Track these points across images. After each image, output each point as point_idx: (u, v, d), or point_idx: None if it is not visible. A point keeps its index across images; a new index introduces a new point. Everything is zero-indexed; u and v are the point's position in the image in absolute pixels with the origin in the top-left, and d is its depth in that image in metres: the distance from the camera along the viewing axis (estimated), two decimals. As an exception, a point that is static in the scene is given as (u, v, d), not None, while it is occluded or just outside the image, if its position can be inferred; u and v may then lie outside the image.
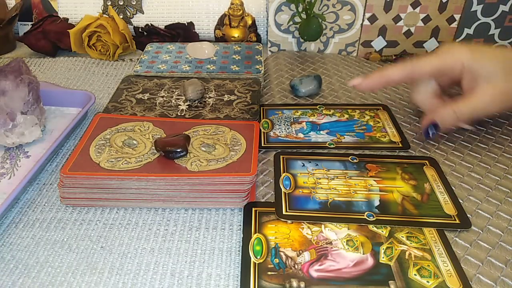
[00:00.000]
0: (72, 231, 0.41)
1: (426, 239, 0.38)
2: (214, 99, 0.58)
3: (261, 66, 0.67)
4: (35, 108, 0.52)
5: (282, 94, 0.62)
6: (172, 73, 0.65)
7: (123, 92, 0.60)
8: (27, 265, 0.37)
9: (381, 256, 0.37)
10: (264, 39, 0.79)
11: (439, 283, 0.34)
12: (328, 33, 0.73)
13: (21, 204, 0.44)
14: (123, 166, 0.44)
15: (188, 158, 0.45)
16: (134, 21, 0.80)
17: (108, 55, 0.73)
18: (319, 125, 0.54)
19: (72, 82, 0.67)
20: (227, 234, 0.40)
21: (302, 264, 0.36)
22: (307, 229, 0.40)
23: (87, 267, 0.37)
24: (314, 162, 0.48)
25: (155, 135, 0.49)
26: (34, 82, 0.53)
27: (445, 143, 0.51)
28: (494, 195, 0.44)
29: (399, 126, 0.54)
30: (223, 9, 0.78)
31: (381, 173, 0.46)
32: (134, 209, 0.43)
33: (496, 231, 0.40)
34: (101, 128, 0.50)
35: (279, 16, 0.72)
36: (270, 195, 0.44)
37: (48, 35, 0.74)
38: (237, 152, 0.46)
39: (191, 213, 0.42)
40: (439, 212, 0.41)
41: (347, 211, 0.41)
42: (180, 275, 0.36)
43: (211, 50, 0.70)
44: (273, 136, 0.52)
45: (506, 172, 0.47)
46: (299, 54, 0.74)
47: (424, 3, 0.69)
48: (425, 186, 0.44)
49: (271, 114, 0.57)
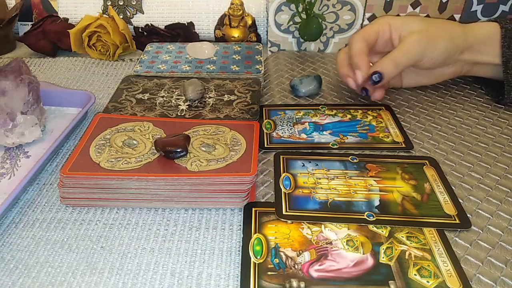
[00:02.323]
0: (72, 231, 0.41)
1: (426, 239, 0.38)
2: (214, 99, 0.58)
3: (261, 66, 0.67)
4: (35, 108, 0.52)
5: (282, 94, 0.62)
6: (172, 73, 0.65)
7: (123, 92, 0.60)
8: (27, 265, 0.37)
9: (381, 256, 0.37)
10: (264, 39, 0.79)
11: (439, 283, 0.34)
12: (328, 33, 0.73)
13: (21, 204, 0.44)
14: (123, 166, 0.44)
15: (188, 158, 0.45)
16: (134, 21, 0.80)
17: (108, 55, 0.73)
18: (322, 126, 0.54)
19: (72, 82, 0.67)
20: (227, 234, 0.40)
21: (302, 264, 0.36)
22: (307, 229, 0.40)
23: (87, 267, 0.37)
24: (314, 162, 0.48)
25: (155, 135, 0.49)
26: (34, 82, 0.53)
27: (445, 143, 0.51)
28: (494, 195, 0.44)
29: (401, 126, 0.54)
30: (223, 9, 0.78)
31: (381, 173, 0.46)
32: (134, 209, 0.43)
33: (496, 231, 0.40)
34: (101, 128, 0.50)
35: (279, 16, 0.72)
36: (270, 195, 0.44)
37: (48, 35, 0.74)
38: (237, 152, 0.46)
39: (191, 213, 0.42)
40: (439, 212, 0.41)
41: (347, 211, 0.41)
42: (180, 275, 0.36)
43: (211, 50, 0.70)
44: (276, 137, 0.52)
45: (506, 171, 0.47)
46: (299, 54, 0.74)
47: (424, 3, 0.69)
48: (425, 186, 0.44)
49: (273, 114, 0.57)
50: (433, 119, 0.56)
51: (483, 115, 0.56)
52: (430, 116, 0.56)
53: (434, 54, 0.54)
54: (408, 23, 0.54)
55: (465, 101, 0.60)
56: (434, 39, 0.53)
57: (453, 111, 0.57)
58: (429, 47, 0.53)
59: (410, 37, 0.53)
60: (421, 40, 0.53)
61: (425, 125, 0.55)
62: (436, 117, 0.56)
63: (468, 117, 0.56)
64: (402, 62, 0.53)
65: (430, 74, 0.59)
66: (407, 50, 0.53)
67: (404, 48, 0.53)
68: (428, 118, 0.56)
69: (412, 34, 0.53)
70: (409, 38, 0.53)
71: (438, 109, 0.58)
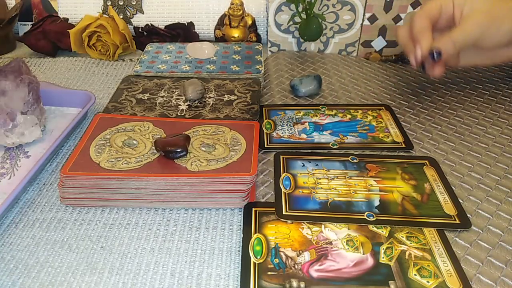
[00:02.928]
0: (72, 231, 0.41)
1: (426, 239, 0.38)
2: (214, 99, 0.58)
3: (261, 66, 0.67)
4: (35, 108, 0.52)
5: (282, 94, 0.62)
6: (172, 73, 0.65)
7: (123, 92, 0.60)
8: (27, 265, 0.37)
9: (381, 256, 0.37)
10: (264, 39, 0.79)
11: (439, 283, 0.34)
12: (328, 33, 0.73)
13: (21, 204, 0.44)
14: (123, 166, 0.44)
15: (188, 158, 0.45)
16: (134, 21, 0.80)
17: (108, 55, 0.73)
18: (322, 126, 0.54)
19: (72, 82, 0.67)
20: (227, 234, 0.40)
21: (302, 264, 0.36)
22: (307, 229, 0.40)
23: (87, 267, 0.37)
24: (314, 162, 0.48)
25: (155, 135, 0.49)
26: (34, 82, 0.53)
27: (445, 143, 0.51)
28: (494, 195, 0.44)
29: (402, 126, 0.54)
30: (223, 9, 0.78)
31: (381, 173, 0.46)
32: (134, 209, 0.43)
33: (496, 231, 0.40)
34: (101, 128, 0.50)
35: (279, 16, 0.72)
36: (270, 195, 0.44)
37: (48, 35, 0.74)
38: (237, 152, 0.46)
39: (191, 213, 0.42)
40: (439, 212, 0.41)
41: (347, 211, 0.41)
42: (180, 275, 0.36)
43: (211, 50, 0.70)
44: (276, 137, 0.52)
45: (506, 171, 0.47)
46: (299, 54, 0.74)
47: (424, 3, 0.69)
48: (425, 186, 0.44)
49: (273, 114, 0.57)
50: (433, 119, 0.56)
51: (483, 115, 0.56)
52: (430, 116, 0.56)
53: (496, 36, 0.52)
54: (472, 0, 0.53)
55: (465, 101, 0.60)
56: (497, 20, 0.52)
57: (453, 111, 0.57)
58: (491, 29, 0.52)
59: (472, 17, 0.52)
60: (482, 20, 0.51)
61: (425, 125, 0.55)
62: (436, 117, 0.56)
63: (468, 117, 0.56)
64: (461, 41, 0.52)
65: (490, 54, 0.57)
66: (467, 30, 0.52)
67: (464, 28, 0.52)
68: (428, 118, 0.56)
69: (474, 13, 0.52)
70: (470, 18, 0.52)
71: (438, 109, 0.58)
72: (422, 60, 0.54)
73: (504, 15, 0.52)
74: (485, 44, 0.53)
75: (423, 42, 0.53)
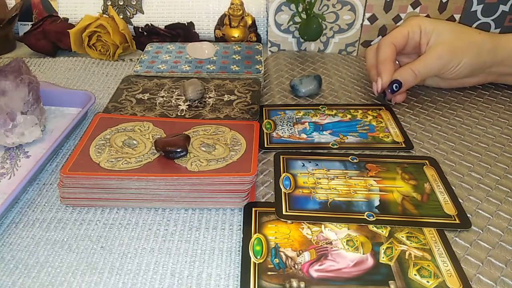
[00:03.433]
0: (72, 231, 0.41)
1: (426, 239, 0.38)
2: (214, 99, 0.58)
3: (261, 66, 0.67)
4: (35, 108, 0.52)
5: (282, 94, 0.62)
6: (172, 73, 0.65)
7: (123, 92, 0.60)
8: (27, 265, 0.37)
9: (381, 256, 0.37)
10: (264, 39, 0.79)
11: (439, 283, 0.34)
12: (328, 33, 0.73)
13: (21, 204, 0.44)
14: (123, 166, 0.44)
15: (188, 158, 0.45)
16: (134, 21, 0.80)
17: (108, 55, 0.73)
18: (322, 126, 0.54)
19: (72, 82, 0.67)
20: (227, 234, 0.40)
21: (302, 264, 0.36)
22: (307, 229, 0.40)
23: (87, 267, 0.37)
24: (314, 162, 0.48)
25: (155, 135, 0.49)
26: (34, 82, 0.53)
27: (445, 143, 0.51)
28: (494, 195, 0.44)
29: (402, 126, 0.54)
30: (223, 9, 0.78)
31: (381, 173, 0.46)
32: (134, 209, 0.43)
33: (496, 231, 0.40)
34: (101, 128, 0.50)
35: (279, 16, 0.72)
36: (270, 195, 0.44)
37: (48, 35, 0.74)
38: (237, 152, 0.46)
39: (191, 213, 0.42)
40: (439, 212, 0.41)
41: (347, 211, 0.41)
42: (180, 275, 0.36)
43: (211, 50, 0.70)
44: (276, 137, 0.52)
45: (506, 171, 0.47)
46: (299, 54, 0.74)
47: (424, 3, 0.69)
48: (425, 186, 0.44)
49: (273, 114, 0.57)
50: (433, 119, 0.56)
51: (483, 115, 0.56)
52: (430, 116, 0.56)
53: (456, 69, 0.53)
54: (438, 31, 0.54)
55: (464, 101, 0.60)
56: (458, 53, 0.53)
57: (453, 111, 0.57)
58: (452, 62, 0.53)
59: (435, 49, 0.53)
60: (444, 54, 0.53)
61: (425, 125, 0.55)
62: (436, 117, 0.56)
63: (468, 117, 0.56)
64: (422, 73, 0.54)
65: (454, 82, 0.59)
66: (429, 62, 0.53)
67: (426, 60, 0.53)
68: (428, 118, 0.56)
69: (437, 46, 0.53)
70: (433, 50, 0.53)
71: (438, 109, 0.58)
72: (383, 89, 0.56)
73: (465, 49, 0.53)
74: (446, 76, 0.55)
75: (384, 75, 0.55)
